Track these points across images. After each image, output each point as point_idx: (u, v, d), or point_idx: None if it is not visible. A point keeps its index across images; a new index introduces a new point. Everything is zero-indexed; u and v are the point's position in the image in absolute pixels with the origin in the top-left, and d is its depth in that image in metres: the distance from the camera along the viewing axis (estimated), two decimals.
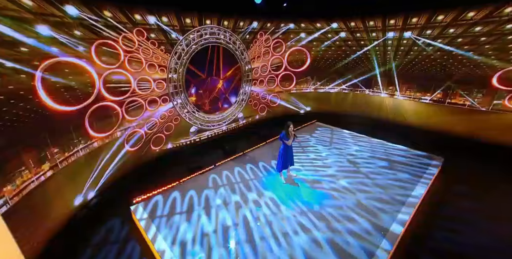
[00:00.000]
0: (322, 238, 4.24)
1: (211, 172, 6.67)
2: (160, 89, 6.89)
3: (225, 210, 5.02)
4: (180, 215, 4.88)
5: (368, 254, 3.93)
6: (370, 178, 6.22)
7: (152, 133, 6.98)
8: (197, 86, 8.61)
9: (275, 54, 10.33)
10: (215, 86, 9.23)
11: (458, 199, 5.67)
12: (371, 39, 10.06)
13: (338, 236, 4.31)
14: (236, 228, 4.50)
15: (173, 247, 4.10)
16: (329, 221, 4.67)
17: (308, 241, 4.19)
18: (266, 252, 3.97)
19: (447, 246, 4.32)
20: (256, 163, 7.17)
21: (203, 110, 8.58)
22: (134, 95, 6.10)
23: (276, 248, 4.06)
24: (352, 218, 4.77)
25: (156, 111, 6.93)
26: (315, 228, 4.48)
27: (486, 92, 7.99)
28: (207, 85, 8.92)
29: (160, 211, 4.99)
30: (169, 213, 4.94)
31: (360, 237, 4.27)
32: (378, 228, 4.46)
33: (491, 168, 7.10)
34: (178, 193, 5.65)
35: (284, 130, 5.66)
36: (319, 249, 4.01)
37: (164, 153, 7.47)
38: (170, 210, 5.02)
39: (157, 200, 5.35)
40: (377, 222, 4.63)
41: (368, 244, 4.12)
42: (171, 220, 4.73)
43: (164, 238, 4.28)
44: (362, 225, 4.55)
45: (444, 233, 4.61)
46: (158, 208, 5.08)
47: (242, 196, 5.50)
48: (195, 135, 8.42)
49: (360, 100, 11.76)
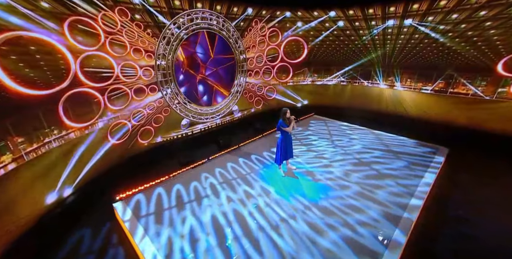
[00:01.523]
0: (332, 233, 3.81)
1: (204, 166, 6.18)
2: (147, 77, 6.34)
3: (220, 207, 4.54)
4: (169, 212, 4.38)
5: (384, 244, 3.61)
6: (375, 169, 5.85)
7: (140, 125, 6.43)
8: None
9: (271, 44, 9.87)
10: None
11: (467, 188, 5.38)
12: (371, 28, 9.68)
13: (349, 228, 3.95)
14: (231, 226, 4.03)
15: (160, 247, 3.61)
16: (336, 213, 4.26)
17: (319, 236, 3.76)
18: (273, 253, 3.52)
19: (462, 233, 4.11)
20: (253, 156, 6.71)
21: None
22: (117, 82, 5.54)
23: (288, 247, 3.61)
24: (360, 208, 4.42)
25: (143, 101, 6.38)
26: (323, 222, 4.05)
27: (490, 80, 7.70)
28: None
29: (146, 209, 4.48)
30: (157, 210, 4.43)
31: (372, 226, 3.96)
32: (390, 217, 4.14)
33: (497, 158, 6.83)
34: (167, 188, 5.14)
35: (281, 117, 5.20)
36: (335, 246, 3.59)
37: (154, 147, 6.93)
38: (157, 207, 4.52)
39: (144, 197, 4.83)
40: (389, 211, 4.33)
41: (381, 233, 3.81)
42: (159, 218, 4.23)
43: (150, 238, 3.78)
44: (372, 215, 4.22)
45: (457, 221, 4.37)
46: (145, 205, 4.57)
47: (238, 191, 5.03)
48: (187, 128, 7.89)
49: (359, 92, 11.40)
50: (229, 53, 8.59)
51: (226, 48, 8.40)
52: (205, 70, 8.11)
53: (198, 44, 7.58)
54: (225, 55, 8.57)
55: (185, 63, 7.42)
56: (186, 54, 7.31)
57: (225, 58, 8.62)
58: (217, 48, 8.16)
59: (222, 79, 8.81)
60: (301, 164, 6.11)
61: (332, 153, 6.77)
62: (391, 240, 3.67)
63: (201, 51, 7.80)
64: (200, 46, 7.71)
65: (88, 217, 4.49)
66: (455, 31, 7.81)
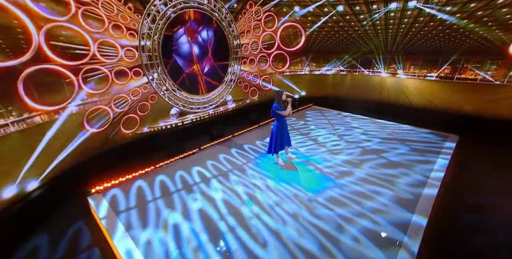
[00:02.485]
0: (349, 226, 3.27)
1: (194, 157, 5.59)
2: (131, 59, 5.69)
3: (211, 201, 3.96)
4: (154, 205, 3.78)
5: (402, 230, 3.21)
6: (384, 157, 5.34)
7: (123, 112, 5.78)
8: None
9: (266, 29, 9.27)
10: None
11: (480, 175, 4.93)
12: (372, 12, 9.16)
13: (362, 217, 3.47)
14: (229, 230, 3.45)
15: (141, 245, 3.02)
16: (346, 203, 3.72)
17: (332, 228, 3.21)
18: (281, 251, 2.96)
19: (479, 219, 3.71)
20: (248, 146, 6.13)
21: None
22: (94, 62, 4.89)
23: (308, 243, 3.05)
24: (371, 196, 3.95)
25: (126, 86, 5.73)
26: (335, 214, 3.50)
27: (501, 63, 7.24)
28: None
29: (126, 203, 3.87)
30: (139, 204, 3.83)
31: (385, 212, 3.57)
32: (404, 204, 3.73)
33: (509, 146, 6.38)
34: (151, 180, 4.54)
35: (276, 100, 4.62)
36: (356, 242, 3.04)
37: (139, 137, 6.29)
38: (140, 201, 3.91)
39: (124, 190, 4.21)
40: (402, 197, 3.87)
41: (398, 220, 3.41)
42: (142, 213, 3.63)
43: (131, 236, 3.18)
44: (383, 202, 3.80)
45: (474, 207, 3.97)
46: (124, 199, 3.96)
47: (232, 183, 4.45)
48: (177, 118, 7.26)
49: (359, 82, 10.89)
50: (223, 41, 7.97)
51: (220, 35, 7.77)
52: (198, 59, 7.48)
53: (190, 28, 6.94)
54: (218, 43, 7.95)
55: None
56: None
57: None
58: (210, 38, 7.53)
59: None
60: (301, 154, 5.56)
61: (334, 142, 6.24)
62: (409, 226, 3.26)
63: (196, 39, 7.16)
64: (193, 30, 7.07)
65: (56, 214, 3.84)
66: (463, 12, 7.32)
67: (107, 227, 3.39)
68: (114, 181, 4.32)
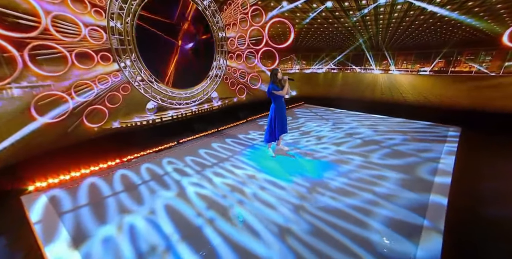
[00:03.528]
0: (368, 219, 2.51)
1: (170, 151, 4.76)
2: (97, 41, 4.93)
3: (188, 201, 3.12)
4: (110, 203, 2.89)
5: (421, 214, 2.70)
6: (387, 146, 4.75)
7: (86, 103, 4.92)
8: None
9: (254, 24, 8.84)
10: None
11: (490, 163, 4.36)
12: (361, 8, 8.98)
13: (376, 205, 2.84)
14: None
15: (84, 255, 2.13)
16: (354, 192, 3.00)
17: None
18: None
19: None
20: (236, 139, 5.38)
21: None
22: (47, 38, 4.10)
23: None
24: (378, 183, 3.36)
25: (91, 72, 4.92)
26: (346, 205, 2.75)
27: (495, 54, 7.03)
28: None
29: (73, 203, 2.96)
30: (92, 202, 2.93)
31: (397, 197, 3.05)
32: (419, 187, 3.25)
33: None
34: (115, 175, 3.65)
35: (272, 79, 4.00)
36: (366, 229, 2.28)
37: (108, 133, 5.40)
38: (92, 200, 3.01)
39: (72, 189, 3.30)
40: (415, 182, 3.26)
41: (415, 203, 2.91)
42: (98, 213, 2.73)
43: (73, 244, 2.28)
44: (393, 188, 3.26)
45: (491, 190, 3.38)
46: (72, 199, 3.05)
47: (218, 178, 3.64)
48: (154, 114, 6.44)
49: (351, 80, 10.54)
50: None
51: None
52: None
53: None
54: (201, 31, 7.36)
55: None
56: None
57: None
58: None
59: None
60: (293, 145, 4.88)
61: (330, 134, 5.61)
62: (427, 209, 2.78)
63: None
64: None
65: None
66: (454, 3, 7.16)
67: (41, 232, 2.47)
68: (59, 178, 3.41)
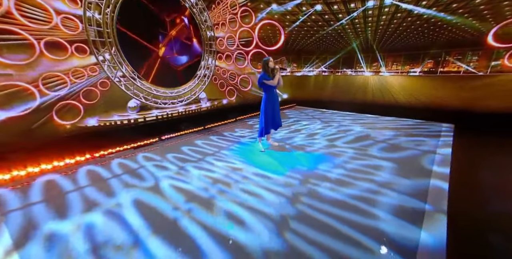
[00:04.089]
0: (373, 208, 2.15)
1: (150, 148, 4.31)
2: (71, 30, 4.54)
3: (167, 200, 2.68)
4: (70, 199, 2.40)
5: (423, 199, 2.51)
6: (382, 141, 4.52)
7: (57, 97, 4.45)
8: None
9: (244, 25, 8.73)
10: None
11: (486, 158, 4.19)
12: (350, 11, 9.07)
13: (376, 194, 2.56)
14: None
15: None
16: (351, 183, 2.66)
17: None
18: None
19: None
20: (220, 136, 5.00)
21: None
22: (10, 23, 3.69)
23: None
24: (375, 173, 3.14)
25: (64, 63, 4.49)
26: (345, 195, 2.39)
27: (482, 54, 7.13)
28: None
29: (19, 203, 2.45)
30: (44, 202, 2.43)
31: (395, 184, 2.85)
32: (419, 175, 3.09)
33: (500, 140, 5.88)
34: (74, 174, 3.16)
35: (263, 68, 3.74)
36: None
37: (82, 131, 4.89)
38: (48, 199, 2.52)
39: (22, 188, 2.79)
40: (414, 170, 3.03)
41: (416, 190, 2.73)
42: (39, 216, 2.23)
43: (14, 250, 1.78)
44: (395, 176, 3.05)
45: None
46: (18, 199, 2.54)
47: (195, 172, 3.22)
48: (136, 113, 5.99)
49: (342, 83, 10.50)
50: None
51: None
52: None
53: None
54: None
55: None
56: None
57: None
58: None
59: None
60: (284, 140, 4.56)
61: (323, 131, 5.35)
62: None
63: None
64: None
65: None
66: (439, 5, 7.30)
67: None
68: (11, 174, 2.89)
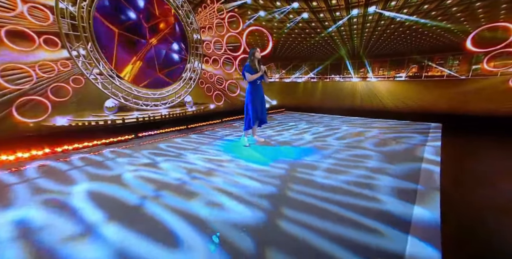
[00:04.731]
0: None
1: (124, 145, 3.86)
2: (40, 21, 4.20)
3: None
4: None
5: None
6: (372, 136, 4.31)
7: (20, 91, 3.99)
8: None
9: (231, 30, 8.70)
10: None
11: (475, 157, 4.07)
12: (336, 19, 9.31)
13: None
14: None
15: None
16: (343, 171, 2.35)
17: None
18: None
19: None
20: (202, 134, 4.62)
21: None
22: None
23: None
24: (368, 162, 2.95)
25: (29, 55, 4.09)
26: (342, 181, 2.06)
27: (462, 58, 7.37)
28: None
29: None
30: None
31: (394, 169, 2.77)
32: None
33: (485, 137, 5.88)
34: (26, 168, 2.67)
35: (248, 59, 3.52)
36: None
37: (51, 131, 4.37)
38: None
39: None
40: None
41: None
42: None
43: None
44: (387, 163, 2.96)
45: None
46: None
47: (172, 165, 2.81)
48: (114, 113, 5.54)
49: (331, 89, 10.54)
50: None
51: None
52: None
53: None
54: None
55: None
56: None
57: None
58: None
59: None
60: (272, 138, 4.26)
61: (311, 129, 5.13)
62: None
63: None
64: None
65: None
66: (419, 12, 7.59)
67: None
68: None
